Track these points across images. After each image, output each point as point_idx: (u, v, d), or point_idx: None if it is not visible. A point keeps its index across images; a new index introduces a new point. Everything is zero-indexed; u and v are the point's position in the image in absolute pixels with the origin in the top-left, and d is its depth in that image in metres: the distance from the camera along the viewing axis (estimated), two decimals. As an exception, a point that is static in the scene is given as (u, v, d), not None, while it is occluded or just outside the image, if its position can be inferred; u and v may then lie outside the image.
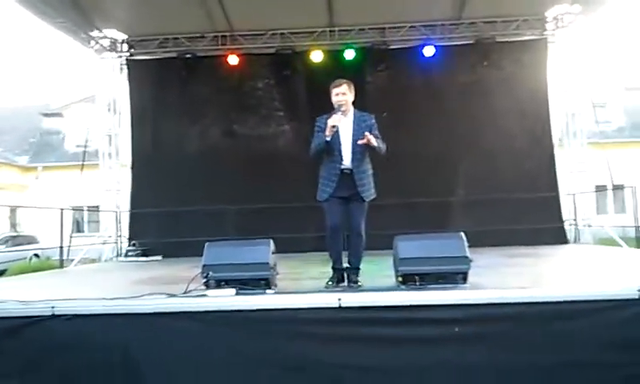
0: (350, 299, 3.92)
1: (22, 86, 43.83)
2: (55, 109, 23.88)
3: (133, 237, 10.74)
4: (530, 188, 10.10)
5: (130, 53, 11.29)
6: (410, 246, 4.58)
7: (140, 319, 3.89)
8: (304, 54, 10.72)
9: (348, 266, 5.03)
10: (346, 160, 4.93)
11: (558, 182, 10.64)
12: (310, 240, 9.05)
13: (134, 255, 10.17)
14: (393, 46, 10.82)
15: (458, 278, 4.44)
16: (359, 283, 4.93)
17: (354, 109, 5.03)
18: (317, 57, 10.60)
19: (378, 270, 5.63)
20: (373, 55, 10.71)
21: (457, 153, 10.50)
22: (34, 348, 3.86)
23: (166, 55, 11.14)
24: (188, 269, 5.66)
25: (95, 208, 13.88)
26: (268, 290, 4.45)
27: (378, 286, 4.92)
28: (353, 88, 5.03)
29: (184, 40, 10.97)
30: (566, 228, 10.48)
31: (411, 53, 10.65)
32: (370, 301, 3.91)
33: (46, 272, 9.07)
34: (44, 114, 23.80)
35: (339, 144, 4.92)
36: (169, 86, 11.10)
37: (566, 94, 10.97)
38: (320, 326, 3.83)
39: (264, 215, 9.82)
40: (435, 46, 10.50)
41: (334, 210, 4.94)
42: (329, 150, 4.92)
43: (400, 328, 3.79)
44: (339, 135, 4.93)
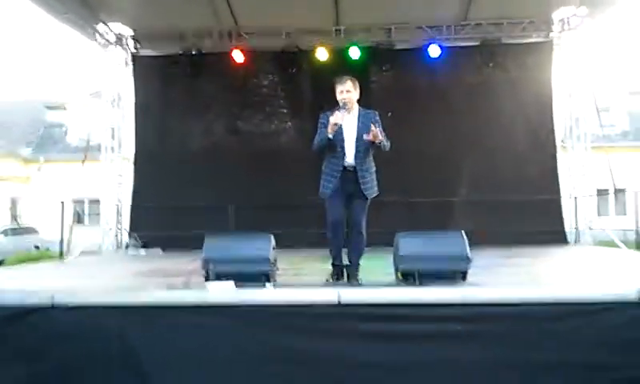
0: (350, 295, 3.91)
1: (25, 78, 43.96)
2: (58, 102, 23.95)
3: (133, 229, 10.75)
4: (532, 190, 10.10)
5: (136, 48, 11.30)
6: (411, 243, 4.60)
7: (139, 311, 3.89)
8: (309, 52, 10.71)
9: (348, 263, 5.03)
10: (349, 157, 4.93)
11: (560, 184, 10.64)
12: (311, 236, 9.05)
13: (134, 248, 10.17)
14: (398, 46, 10.82)
15: (457, 276, 4.46)
16: (359, 280, 4.93)
17: (358, 106, 5.03)
18: (322, 55, 10.59)
19: (378, 267, 5.63)
20: (378, 55, 10.70)
21: (460, 153, 10.51)
22: (33, 337, 3.86)
23: (171, 51, 11.14)
24: (188, 262, 5.69)
25: (96, 201, 13.89)
26: (267, 285, 4.45)
27: (377, 282, 4.93)
28: (357, 85, 5.02)
29: (190, 36, 10.97)
30: (566, 230, 10.48)
31: (417, 53, 10.63)
32: (370, 297, 3.90)
33: (45, 262, 9.10)
34: (47, 107, 23.89)
35: (342, 141, 4.92)
36: (174, 81, 11.12)
37: (571, 98, 10.95)
38: (319, 322, 3.82)
39: (266, 211, 9.83)
40: (441, 46, 10.49)
41: (335, 206, 4.94)
42: (332, 147, 4.92)
43: (399, 325, 3.78)
44: (342, 132, 4.93)
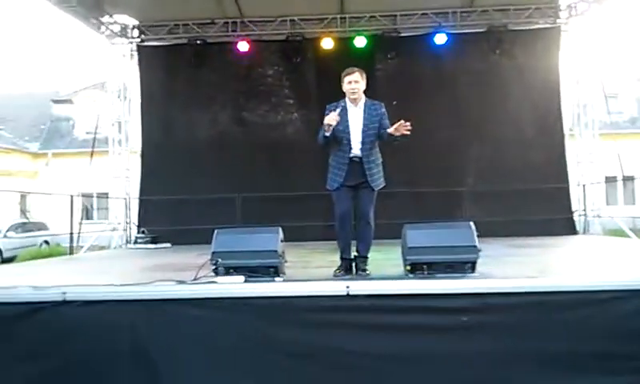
0: (359, 287, 3.91)
1: (32, 72, 44.02)
2: (65, 95, 23.99)
3: (142, 224, 10.75)
4: (540, 178, 10.06)
5: (141, 39, 11.28)
6: (419, 235, 4.57)
7: (150, 305, 3.91)
8: (314, 41, 10.66)
9: (356, 254, 5.04)
10: (355, 149, 4.91)
11: (568, 172, 10.58)
12: (319, 229, 9.06)
13: (143, 242, 10.16)
14: (404, 34, 10.73)
15: (466, 267, 4.44)
16: (367, 272, 4.93)
17: (365, 97, 5.00)
18: (327, 44, 10.53)
19: (386, 259, 5.64)
20: (383, 43, 10.62)
21: (467, 141, 10.47)
22: (45, 333, 3.89)
23: (176, 41, 11.13)
24: (197, 256, 5.70)
25: (105, 195, 13.95)
26: (277, 278, 4.46)
27: (386, 274, 4.93)
28: (365, 76, 5.00)
29: (194, 26, 10.97)
30: (575, 219, 10.42)
31: (422, 40, 10.57)
32: (378, 289, 3.90)
33: (56, 258, 9.15)
34: (54, 101, 23.93)
35: (348, 133, 4.90)
36: (179, 72, 11.09)
37: (578, 85, 10.87)
38: (328, 314, 3.83)
39: (273, 203, 9.85)
40: (447, 33, 10.41)
41: (343, 199, 4.94)
42: (338, 139, 4.90)
43: (408, 316, 3.79)
44: (348, 124, 4.91)
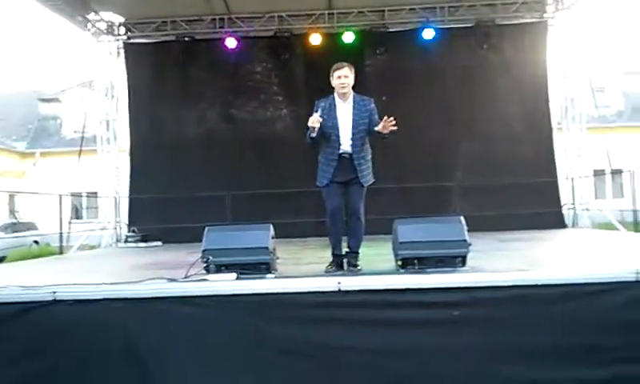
0: (350, 283, 3.93)
1: (18, 70, 43.51)
2: (52, 94, 23.75)
3: (132, 222, 10.71)
4: (529, 172, 10.11)
5: (127, 36, 11.21)
6: (410, 230, 4.59)
7: (141, 304, 3.90)
8: (302, 37, 10.65)
9: (348, 250, 5.05)
10: (345, 145, 4.91)
11: (556, 166, 10.65)
12: (310, 225, 9.07)
13: (133, 241, 10.12)
14: (392, 29, 10.76)
15: (457, 261, 4.46)
16: (359, 267, 4.94)
17: (353, 93, 5.00)
18: (315, 40, 10.52)
19: (377, 254, 5.65)
20: (372, 38, 10.64)
21: (455, 136, 10.51)
22: (35, 333, 3.88)
23: (163, 38, 11.07)
24: (188, 254, 5.68)
25: (94, 194, 13.85)
26: (268, 275, 4.46)
27: (377, 269, 4.94)
28: (353, 71, 5.00)
29: (181, 23, 10.91)
30: (564, 212, 10.51)
31: (410, 35, 10.59)
32: (370, 284, 3.92)
33: (46, 258, 9.09)
34: (41, 100, 23.67)
35: (337, 129, 4.89)
36: (166, 69, 11.04)
37: (566, 78, 10.93)
38: (320, 310, 3.85)
39: (263, 200, 9.83)
40: (435, 28, 10.43)
41: (333, 195, 4.94)
42: (327, 135, 4.90)
43: (399, 311, 3.81)
44: (337, 120, 4.90)
